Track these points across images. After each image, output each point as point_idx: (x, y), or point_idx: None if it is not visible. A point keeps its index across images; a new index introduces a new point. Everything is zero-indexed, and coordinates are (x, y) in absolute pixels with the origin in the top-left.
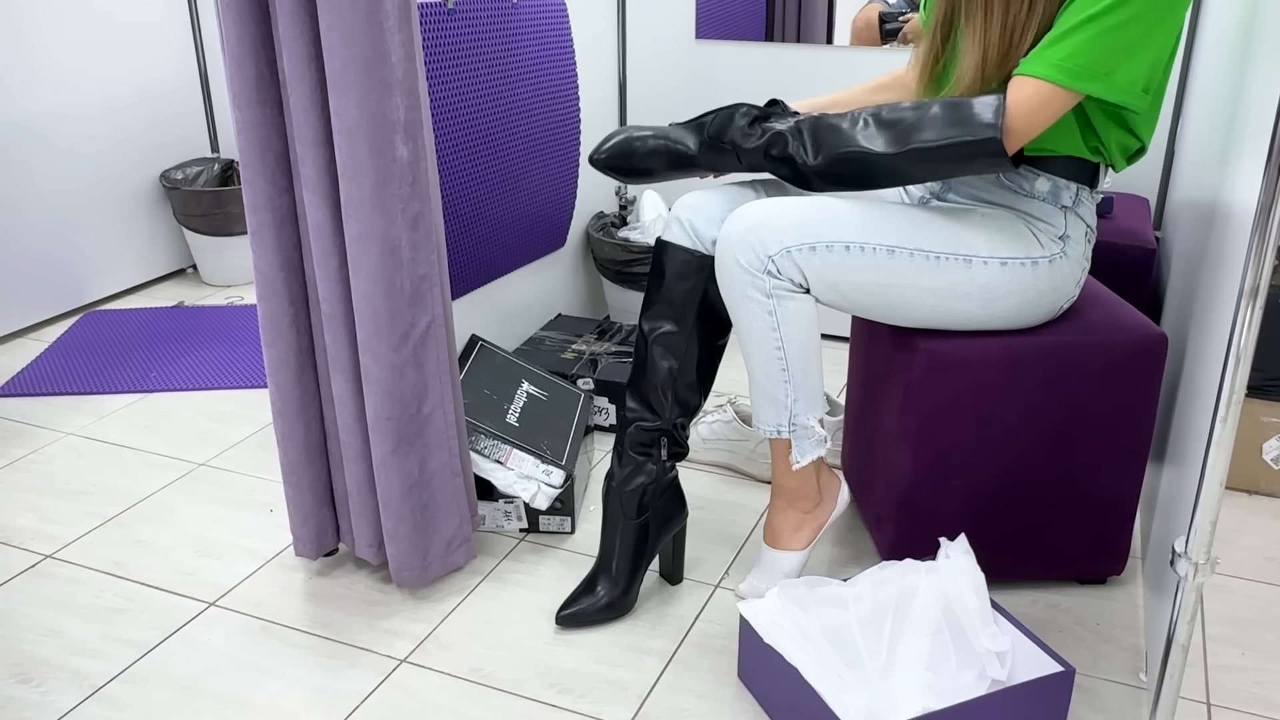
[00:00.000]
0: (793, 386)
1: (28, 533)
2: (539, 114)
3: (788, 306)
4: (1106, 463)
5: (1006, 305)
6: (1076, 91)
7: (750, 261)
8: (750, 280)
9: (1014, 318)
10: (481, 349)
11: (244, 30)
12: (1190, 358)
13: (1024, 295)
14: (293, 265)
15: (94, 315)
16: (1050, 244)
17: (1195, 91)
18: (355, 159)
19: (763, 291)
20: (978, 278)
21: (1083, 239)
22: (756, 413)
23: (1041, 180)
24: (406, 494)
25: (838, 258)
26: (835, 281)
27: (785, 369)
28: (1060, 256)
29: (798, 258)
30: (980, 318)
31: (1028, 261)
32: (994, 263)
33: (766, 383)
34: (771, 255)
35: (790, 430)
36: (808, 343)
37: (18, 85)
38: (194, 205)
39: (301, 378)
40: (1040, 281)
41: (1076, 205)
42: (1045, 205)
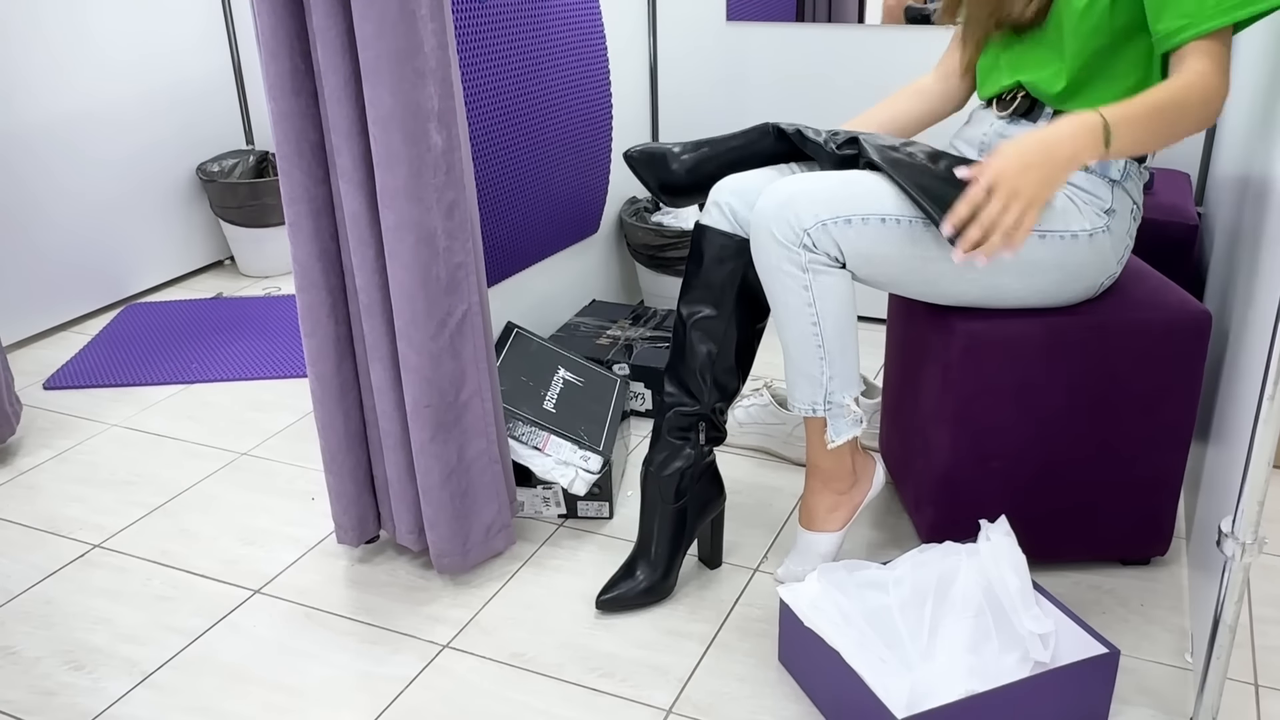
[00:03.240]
0: (829, 364)
1: (76, 523)
2: (571, 100)
3: (824, 281)
4: (1149, 442)
5: (1046, 279)
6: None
7: (786, 235)
8: (786, 254)
9: (1053, 293)
10: (517, 336)
11: (278, 22)
12: (1235, 335)
13: (1063, 269)
14: (330, 255)
15: (134, 308)
16: (1093, 217)
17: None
18: (390, 148)
19: (798, 266)
20: (1020, 253)
21: (1128, 216)
22: (792, 391)
23: None
24: (446, 481)
25: (873, 230)
26: (871, 254)
27: (821, 345)
28: (1104, 231)
29: (834, 231)
30: (1018, 292)
31: (1066, 235)
32: (1033, 235)
33: (802, 360)
34: (807, 229)
35: (826, 409)
36: (844, 319)
37: (57, 84)
38: (230, 197)
39: (340, 367)
40: (1079, 255)
41: (1124, 180)
42: (1092, 177)
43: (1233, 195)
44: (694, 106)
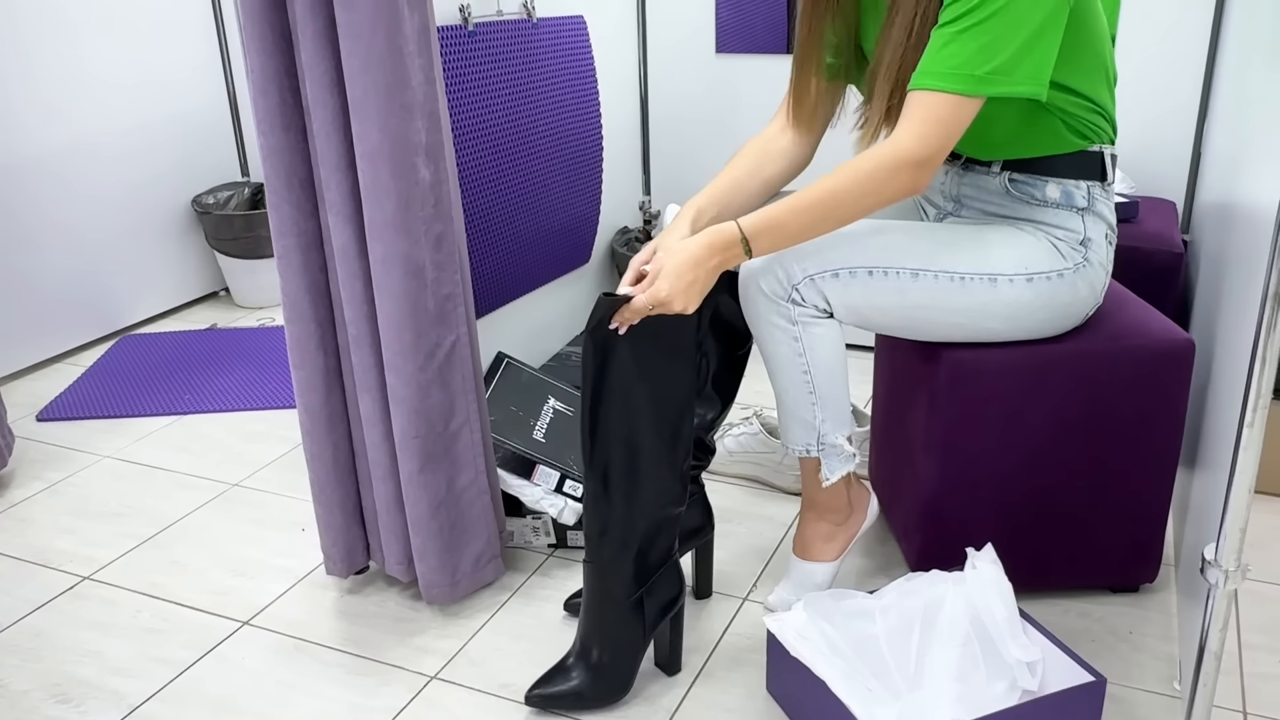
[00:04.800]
0: (820, 408)
1: (66, 555)
2: (561, 131)
3: (813, 332)
4: (1136, 469)
5: (1033, 320)
6: (978, 97)
7: (773, 290)
8: (774, 308)
9: (1040, 330)
10: (508, 366)
11: (267, 58)
12: (1218, 362)
13: (1050, 309)
14: (319, 288)
15: (129, 340)
16: (1072, 253)
17: (1220, 92)
18: (378, 182)
19: (787, 319)
20: (1004, 296)
21: (1104, 241)
22: (785, 433)
23: (1050, 186)
24: (435, 511)
25: (861, 283)
26: (859, 306)
27: (813, 392)
28: (1084, 264)
29: (821, 285)
30: (1006, 333)
31: (1053, 275)
32: (1020, 280)
33: (795, 405)
34: (795, 284)
35: (820, 449)
36: (834, 365)
37: (53, 116)
38: (225, 229)
39: (329, 398)
40: (1065, 294)
41: (1092, 204)
42: (1061, 212)
43: (1216, 222)
44: (684, 136)
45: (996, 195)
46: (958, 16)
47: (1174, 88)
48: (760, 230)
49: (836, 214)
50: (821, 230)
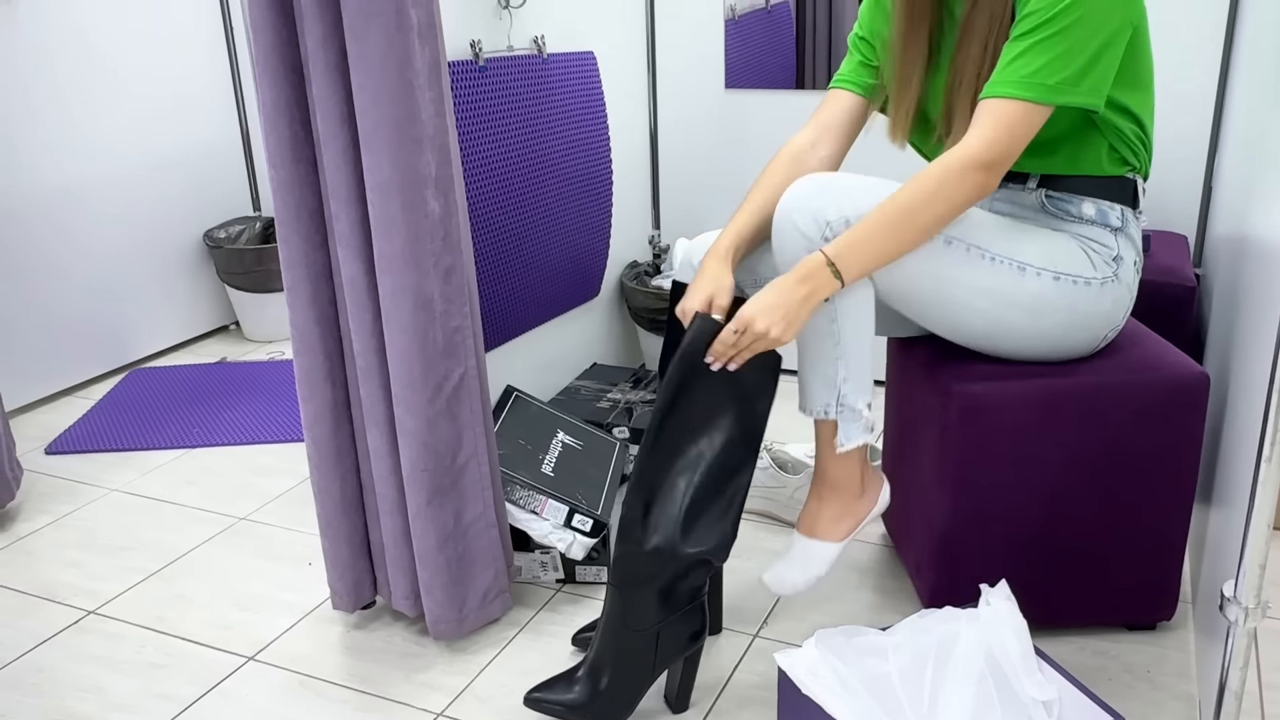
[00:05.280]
0: (844, 364)
1: (71, 589)
2: (571, 165)
3: None
4: (1151, 505)
5: (1053, 322)
6: (1048, 105)
7: (808, 227)
8: (806, 246)
9: (1058, 338)
10: (517, 399)
11: (278, 91)
12: (1234, 395)
13: (1072, 314)
14: (328, 320)
15: (139, 373)
16: (1103, 266)
17: (1230, 125)
18: (388, 215)
19: None
20: (1029, 287)
21: (1132, 266)
22: (804, 393)
23: (1086, 204)
24: (442, 546)
25: None
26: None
27: (838, 344)
28: (1113, 280)
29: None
30: (1024, 332)
31: (1080, 280)
32: (1047, 275)
33: (817, 359)
34: (830, 221)
35: (839, 411)
36: (861, 320)
37: (66, 150)
38: (236, 263)
39: (337, 431)
40: (1089, 303)
41: (1125, 226)
42: (1095, 227)
43: (1229, 256)
44: (693, 170)
45: (1031, 210)
46: (1029, 30)
47: (1184, 120)
48: (842, 250)
49: (914, 221)
50: (904, 241)
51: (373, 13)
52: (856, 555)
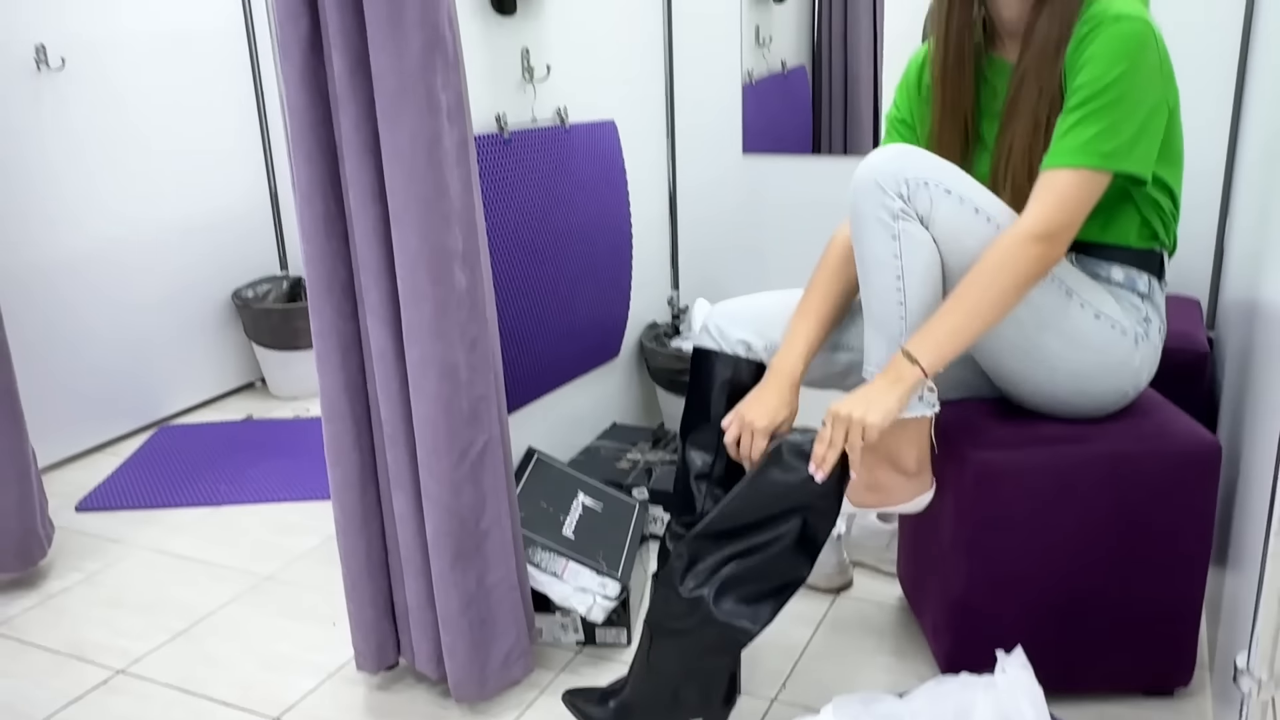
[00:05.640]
0: (909, 326)
1: (101, 647)
2: (592, 231)
3: (912, 232)
4: (1166, 572)
5: (1086, 359)
6: (1106, 171)
7: (887, 181)
8: (882, 200)
9: (1086, 379)
10: (538, 461)
11: (313, 170)
12: (1246, 461)
13: (1104, 357)
14: (356, 387)
15: (167, 430)
16: (1136, 324)
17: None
18: (416, 288)
19: (890, 213)
20: (1072, 314)
21: (1158, 332)
22: (868, 353)
23: (1115, 269)
24: (465, 609)
25: (967, 216)
26: (950, 237)
27: (903, 301)
28: (1143, 338)
29: (932, 192)
30: (1057, 362)
31: (1118, 326)
32: (1089, 309)
33: (883, 315)
34: (908, 178)
35: None
36: (928, 281)
37: (99, 212)
38: (264, 322)
39: (364, 495)
40: (1123, 353)
41: (1151, 294)
42: (1123, 290)
43: (1240, 319)
44: (712, 232)
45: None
46: (1079, 104)
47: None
48: (918, 338)
49: (983, 301)
50: (976, 322)
51: (404, 96)
52: (873, 616)
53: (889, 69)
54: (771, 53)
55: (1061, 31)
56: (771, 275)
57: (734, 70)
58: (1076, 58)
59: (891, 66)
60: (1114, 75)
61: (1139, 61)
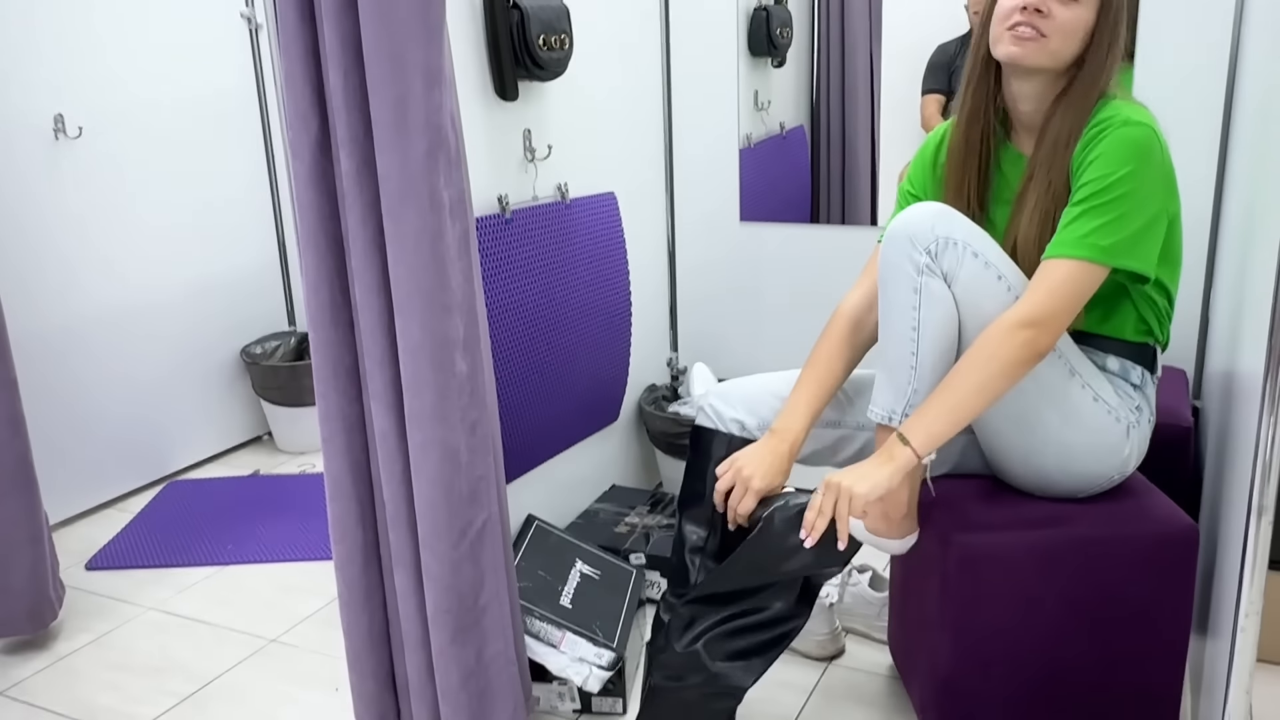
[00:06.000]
0: (916, 376)
1: (110, 711)
2: (592, 299)
3: (933, 288)
4: (1147, 650)
5: (1079, 439)
6: (1103, 265)
7: (918, 235)
8: (910, 252)
9: (1076, 458)
10: (537, 529)
11: (320, 262)
12: (1222, 536)
13: (1097, 438)
14: (360, 469)
15: (175, 486)
16: (1129, 412)
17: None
18: (419, 375)
19: (916, 266)
20: (1073, 393)
21: (1147, 421)
22: (875, 396)
23: (1110, 359)
24: (465, 682)
25: (989, 280)
26: (970, 298)
27: (915, 353)
28: (1135, 426)
29: (961, 254)
30: (1050, 436)
31: (1112, 410)
32: (1089, 391)
33: (894, 363)
34: (940, 236)
35: (901, 419)
36: (942, 337)
37: (114, 272)
38: (271, 379)
39: (367, 571)
40: (1115, 437)
41: (1144, 386)
42: (1115, 379)
43: (1219, 391)
44: (710, 296)
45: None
46: (1084, 198)
47: None
48: (912, 421)
49: (968, 384)
50: (966, 405)
51: (408, 195)
52: (864, 685)
53: (886, 134)
54: (770, 115)
55: (1074, 128)
56: (768, 339)
57: (731, 136)
58: (1084, 156)
59: (888, 131)
60: (1119, 175)
61: (1144, 165)
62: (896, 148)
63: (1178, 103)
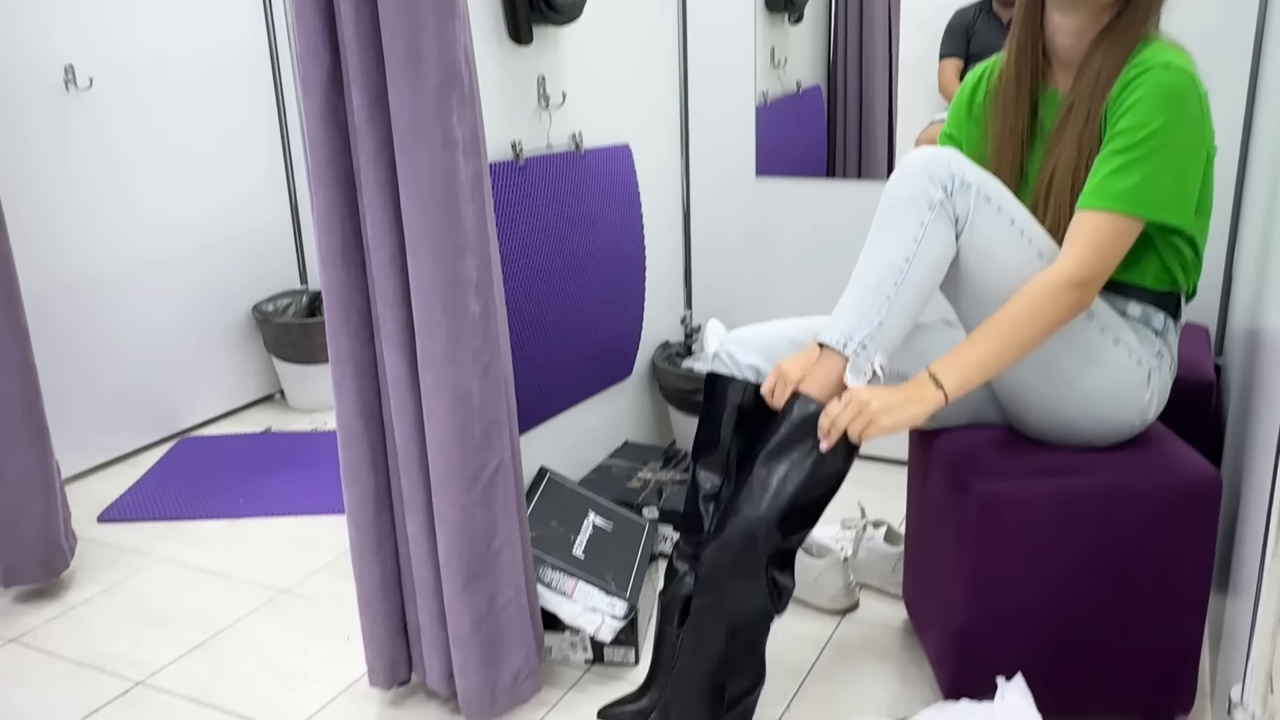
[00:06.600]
0: (889, 310)
1: (121, 659)
2: (606, 253)
3: (939, 231)
4: (1167, 602)
5: (1099, 384)
6: (1141, 219)
7: (937, 173)
8: (927, 187)
9: (1096, 403)
10: (550, 481)
11: (331, 200)
12: (1246, 491)
13: (1117, 382)
14: (372, 413)
15: (187, 442)
16: (1151, 357)
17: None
18: (431, 317)
19: (929, 201)
20: (1092, 336)
21: (1169, 368)
22: (834, 318)
23: (1132, 305)
24: (476, 628)
25: (1003, 226)
26: (984, 243)
27: (897, 284)
28: (1156, 372)
29: (977, 199)
30: (1069, 380)
31: (1134, 355)
32: (1109, 334)
33: (869, 290)
34: (957, 176)
35: (858, 349)
36: (929, 276)
37: (125, 227)
38: (283, 336)
39: (379, 517)
40: (1135, 382)
41: (1165, 332)
42: (1137, 324)
43: (1244, 348)
44: (725, 253)
45: None
46: (1122, 149)
47: None
48: (945, 363)
49: (1013, 338)
50: (1002, 357)
51: (421, 132)
52: (878, 639)
53: (904, 90)
54: (786, 73)
55: (1114, 67)
56: (783, 296)
57: (748, 92)
58: (1121, 100)
59: (907, 88)
60: (1157, 124)
61: (1181, 114)
62: (913, 113)
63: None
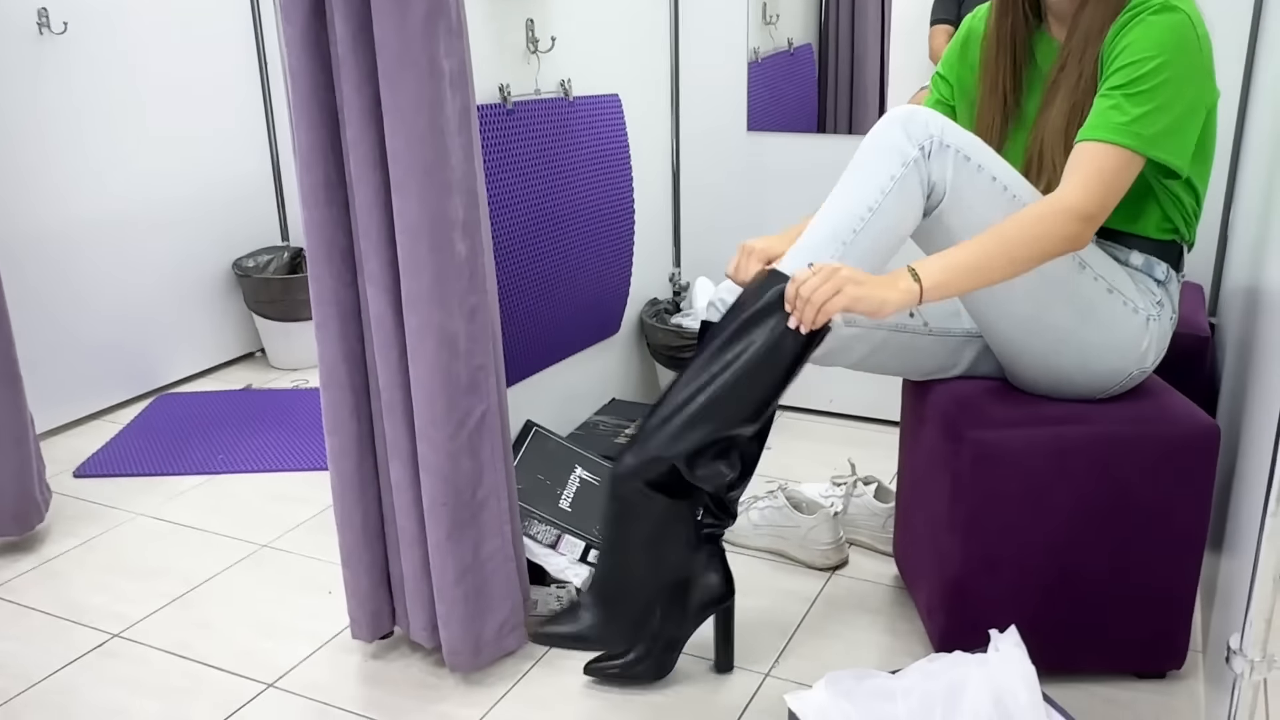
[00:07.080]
0: (844, 255)
1: (98, 611)
2: (594, 205)
3: (908, 188)
4: (1161, 554)
5: (1094, 334)
6: (1143, 156)
7: (915, 131)
8: (901, 146)
9: (1091, 355)
10: (536, 434)
11: (314, 135)
12: (1244, 446)
13: (1112, 333)
14: (355, 356)
15: (165, 398)
16: (1150, 305)
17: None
18: (416, 256)
19: (903, 158)
20: (1083, 286)
21: (1168, 319)
22: (792, 254)
23: (1135, 255)
24: (460, 579)
25: (985, 184)
26: (966, 204)
27: (856, 231)
28: (1155, 319)
29: (955, 160)
30: (1062, 334)
31: (1129, 303)
32: (1102, 283)
33: (829, 233)
34: (935, 137)
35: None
36: (890, 230)
37: (101, 181)
38: (264, 292)
39: (361, 464)
40: (1131, 331)
41: (1167, 282)
42: (1139, 273)
43: (1241, 306)
44: (715, 210)
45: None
46: (1122, 84)
47: None
48: (929, 262)
49: (1004, 255)
50: (989, 273)
51: (406, 62)
52: (868, 595)
53: (896, 49)
54: (778, 30)
55: (1106, 17)
56: None
57: (740, 47)
58: (1116, 42)
59: (899, 46)
60: (1156, 62)
61: (1180, 53)
62: (905, 79)
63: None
